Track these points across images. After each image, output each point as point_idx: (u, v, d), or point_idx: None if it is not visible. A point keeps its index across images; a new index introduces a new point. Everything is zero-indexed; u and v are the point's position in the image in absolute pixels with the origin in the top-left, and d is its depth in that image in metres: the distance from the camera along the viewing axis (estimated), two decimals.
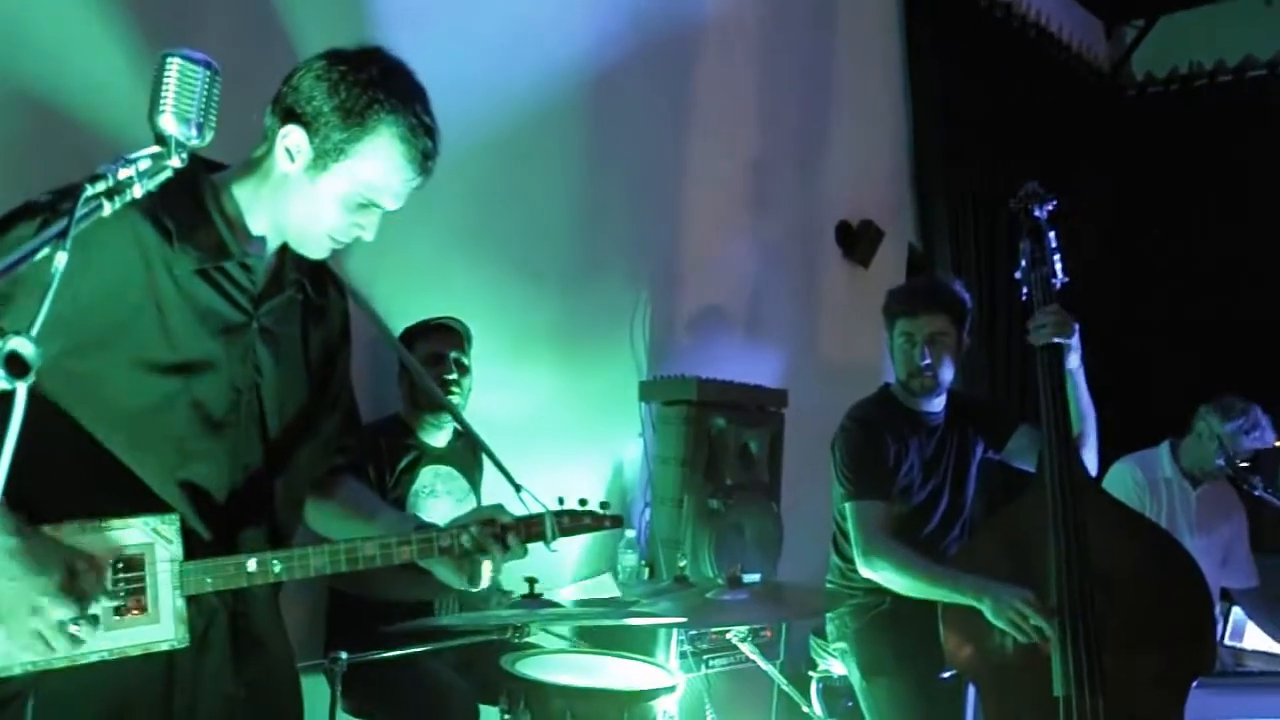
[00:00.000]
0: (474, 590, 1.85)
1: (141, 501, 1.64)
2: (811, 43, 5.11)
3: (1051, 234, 3.06)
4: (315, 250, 1.79)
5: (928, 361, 3.17)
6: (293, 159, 1.69)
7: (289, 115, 1.69)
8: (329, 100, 1.66)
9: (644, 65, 4.27)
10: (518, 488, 1.98)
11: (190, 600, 1.66)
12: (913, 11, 5.62)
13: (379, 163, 1.70)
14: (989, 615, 2.75)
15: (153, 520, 1.64)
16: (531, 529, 1.89)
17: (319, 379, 1.90)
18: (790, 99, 5.00)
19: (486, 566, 1.84)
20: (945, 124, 5.63)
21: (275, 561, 1.71)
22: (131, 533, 1.62)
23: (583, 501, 1.97)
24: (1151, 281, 6.57)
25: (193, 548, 1.67)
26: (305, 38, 3.20)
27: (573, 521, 1.94)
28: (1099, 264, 6.54)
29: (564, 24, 4.01)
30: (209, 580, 1.67)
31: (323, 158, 1.68)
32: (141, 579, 1.62)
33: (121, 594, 1.61)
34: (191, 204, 1.67)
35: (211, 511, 1.71)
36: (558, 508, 1.93)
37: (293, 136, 1.68)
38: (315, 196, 1.70)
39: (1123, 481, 4.34)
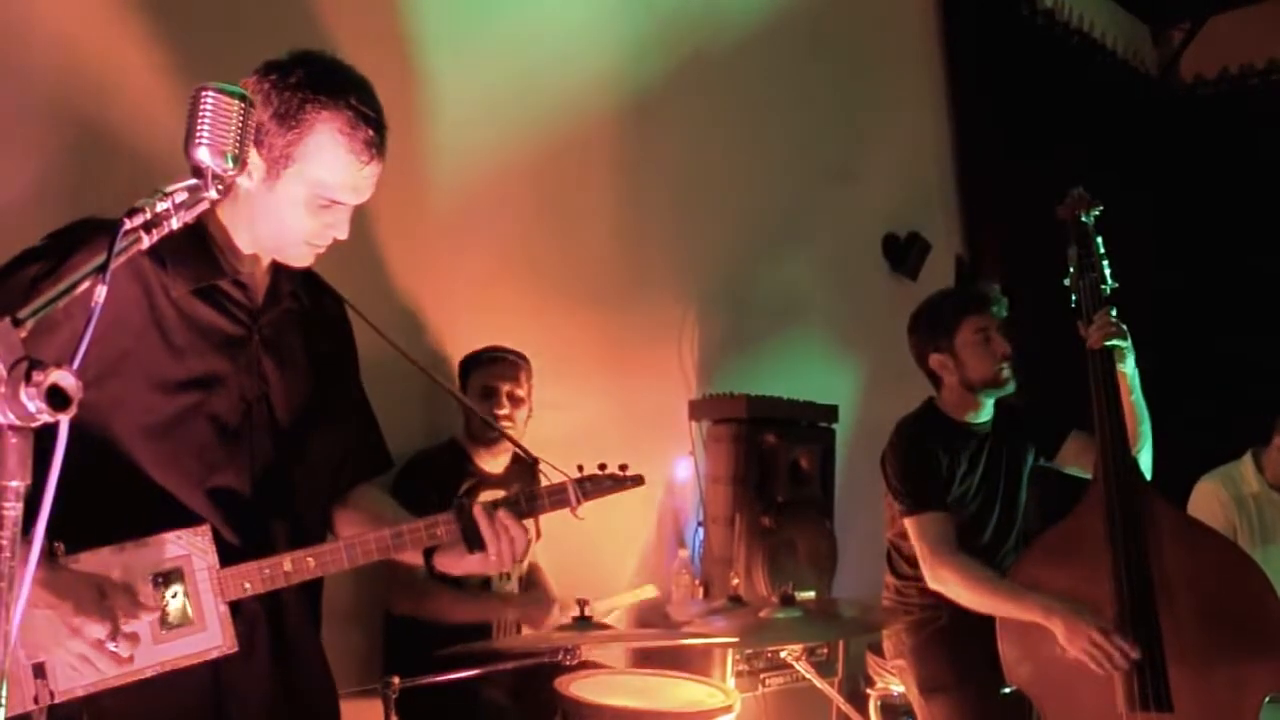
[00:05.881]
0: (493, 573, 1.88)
1: (174, 514, 1.70)
2: (853, 54, 5.10)
3: (1099, 239, 3.04)
4: (296, 258, 1.83)
5: (1009, 350, 3.19)
6: (250, 175, 1.72)
7: None
8: (265, 110, 1.70)
9: (683, 81, 4.27)
10: (535, 460, 2.00)
11: (232, 607, 1.70)
12: (954, 22, 5.59)
13: (325, 160, 1.72)
14: (1061, 640, 2.70)
15: (185, 533, 1.68)
16: (555, 498, 1.93)
17: (325, 383, 1.95)
18: (833, 110, 4.98)
19: (492, 541, 1.84)
20: (990, 134, 5.58)
21: (310, 559, 1.76)
22: (167, 547, 1.67)
23: (602, 466, 2.00)
24: (1211, 286, 6.44)
25: (226, 554, 1.71)
26: (351, 60, 3.24)
27: (594, 485, 1.97)
28: (1155, 268, 6.43)
29: (604, 42, 4.04)
30: (247, 585, 1.71)
31: (274, 166, 1.71)
32: (184, 591, 1.67)
33: (165, 607, 1.65)
34: (182, 230, 1.71)
35: (240, 517, 1.76)
36: (578, 475, 1.96)
37: None
38: (278, 206, 1.74)
39: (1208, 502, 4.19)
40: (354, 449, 2.04)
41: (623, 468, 2.01)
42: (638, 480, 2.03)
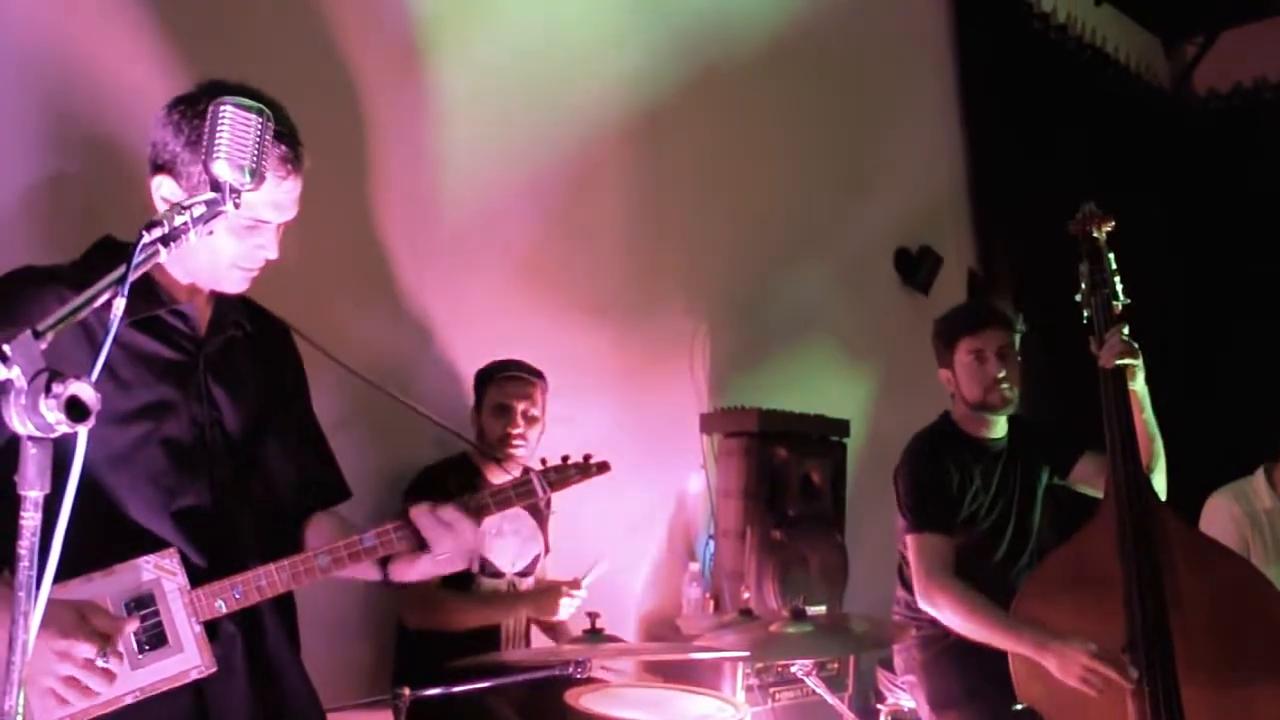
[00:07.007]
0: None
1: (143, 543, 1.70)
2: (866, 68, 5.10)
3: (1110, 255, 3.03)
4: (231, 284, 1.83)
5: (1003, 373, 3.16)
6: None
7: (155, 169, 1.75)
8: (178, 140, 1.71)
9: (696, 94, 4.28)
10: (498, 460, 2.00)
11: (209, 630, 1.70)
12: (967, 36, 5.59)
13: None
14: (1056, 674, 2.68)
15: (152, 558, 1.68)
16: (521, 490, 1.94)
17: (276, 408, 1.96)
18: (845, 124, 4.98)
19: (438, 539, 1.84)
20: (1002, 148, 5.58)
21: (280, 572, 1.76)
22: (135, 573, 1.66)
23: (565, 458, 2.02)
24: (1224, 299, 6.42)
25: (197, 576, 1.71)
26: (362, 72, 3.26)
27: (559, 475, 1.98)
28: (1167, 282, 6.42)
29: (617, 54, 4.05)
30: (220, 603, 1.71)
31: (193, 195, 1.66)
32: (157, 614, 1.66)
33: (141, 630, 1.64)
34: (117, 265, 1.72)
35: (207, 539, 1.77)
36: (541, 467, 1.98)
37: (164, 186, 1.73)
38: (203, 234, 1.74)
39: (1220, 518, 4.15)
40: (308, 478, 2.03)
41: (586, 457, 2.02)
42: (603, 467, 2.04)
